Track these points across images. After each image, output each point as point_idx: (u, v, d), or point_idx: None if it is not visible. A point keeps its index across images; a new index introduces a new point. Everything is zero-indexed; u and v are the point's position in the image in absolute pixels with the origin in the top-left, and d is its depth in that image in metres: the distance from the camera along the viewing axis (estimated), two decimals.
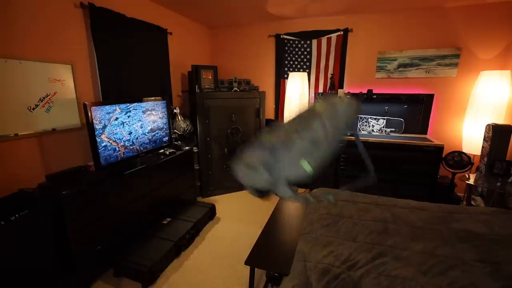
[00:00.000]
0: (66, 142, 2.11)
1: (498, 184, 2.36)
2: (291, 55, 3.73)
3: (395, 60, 3.30)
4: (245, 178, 0.92)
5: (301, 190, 3.63)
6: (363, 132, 3.44)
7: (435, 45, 3.11)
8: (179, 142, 3.01)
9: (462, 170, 2.86)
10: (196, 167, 3.27)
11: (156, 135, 2.55)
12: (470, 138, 2.98)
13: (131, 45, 2.59)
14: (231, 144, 3.38)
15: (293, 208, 2.25)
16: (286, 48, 3.72)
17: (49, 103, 1.96)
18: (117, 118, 2.07)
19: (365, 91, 3.37)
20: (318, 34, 3.53)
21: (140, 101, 2.34)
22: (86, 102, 1.81)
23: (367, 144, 3.05)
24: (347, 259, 1.35)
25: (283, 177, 0.86)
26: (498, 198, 2.52)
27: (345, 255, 1.37)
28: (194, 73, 3.18)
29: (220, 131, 3.33)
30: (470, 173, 2.77)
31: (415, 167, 2.92)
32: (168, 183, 2.64)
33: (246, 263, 1.55)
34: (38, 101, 1.89)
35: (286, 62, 3.78)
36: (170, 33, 3.15)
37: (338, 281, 1.20)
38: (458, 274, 1.19)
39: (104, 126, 1.95)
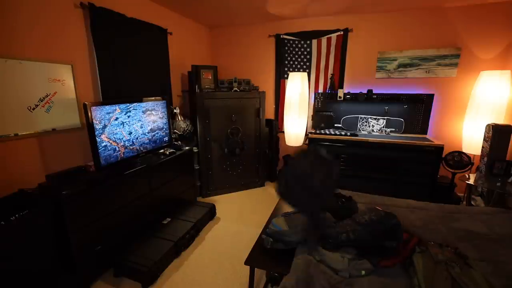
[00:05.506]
0: (66, 142, 2.11)
1: (498, 184, 2.36)
2: (291, 55, 3.73)
3: (395, 60, 3.30)
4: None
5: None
6: (363, 132, 3.44)
7: (435, 45, 3.11)
8: (179, 142, 3.01)
9: (462, 170, 2.86)
10: (196, 167, 3.27)
11: (156, 135, 2.55)
12: (470, 138, 2.98)
13: (131, 45, 2.59)
14: (231, 144, 3.38)
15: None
16: (286, 48, 3.72)
17: (49, 103, 1.96)
18: (117, 118, 2.07)
19: (365, 91, 3.37)
20: (318, 34, 3.53)
21: (140, 101, 2.34)
22: (86, 102, 1.81)
23: (367, 144, 3.05)
24: None
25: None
26: (498, 198, 2.52)
27: None
28: (194, 73, 3.18)
29: (220, 131, 3.33)
30: (470, 173, 2.77)
31: (415, 167, 2.92)
32: (168, 183, 2.64)
33: (246, 263, 1.55)
34: (38, 101, 1.89)
35: (286, 62, 3.78)
36: (170, 33, 3.15)
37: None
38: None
39: (104, 126, 1.95)
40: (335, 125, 3.58)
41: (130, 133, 2.22)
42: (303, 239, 1.45)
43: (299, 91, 3.27)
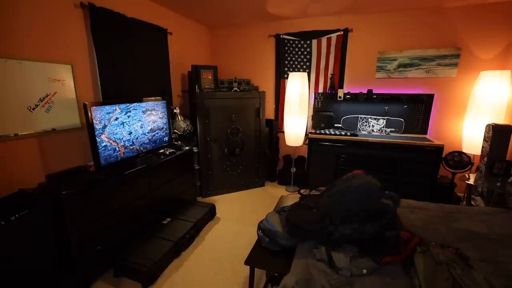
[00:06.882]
0: (66, 142, 2.11)
1: (498, 184, 2.36)
2: (291, 55, 3.73)
3: (395, 60, 3.30)
4: None
5: (302, 191, 3.63)
6: (363, 132, 3.44)
7: (435, 45, 3.12)
8: (179, 142, 3.01)
9: (462, 170, 2.86)
10: (196, 167, 3.27)
11: (156, 135, 2.55)
12: (470, 138, 2.98)
13: (131, 45, 2.59)
14: (231, 144, 3.38)
15: None
16: (286, 48, 3.72)
17: (49, 103, 1.96)
18: (117, 118, 2.07)
19: (365, 91, 3.38)
20: (318, 34, 3.53)
21: (140, 101, 2.34)
22: (86, 102, 1.81)
23: (367, 144, 3.05)
24: None
25: None
26: (498, 198, 2.52)
27: None
28: (194, 73, 3.18)
29: (220, 131, 3.33)
30: (470, 173, 2.77)
31: (415, 167, 2.92)
32: (168, 183, 2.64)
33: (246, 263, 1.55)
34: (38, 101, 1.89)
35: (286, 62, 3.78)
36: (170, 33, 3.15)
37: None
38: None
39: (104, 126, 1.95)
40: (335, 125, 3.58)
41: (130, 133, 2.22)
42: (294, 244, 1.46)
43: (299, 91, 3.27)
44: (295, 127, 3.40)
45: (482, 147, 2.65)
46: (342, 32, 3.42)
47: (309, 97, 3.67)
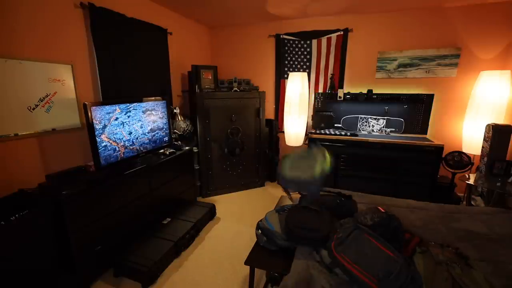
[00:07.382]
0: (66, 142, 2.11)
1: (498, 184, 2.36)
2: (291, 55, 3.73)
3: (395, 60, 3.29)
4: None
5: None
6: (363, 132, 3.44)
7: (435, 45, 3.11)
8: (179, 142, 3.01)
9: (462, 170, 2.86)
10: (196, 167, 3.27)
11: (156, 135, 2.55)
12: (470, 138, 2.97)
13: (131, 45, 2.59)
14: (231, 144, 3.38)
15: None
16: (286, 48, 3.72)
17: (49, 103, 1.96)
18: (117, 118, 2.07)
19: (365, 91, 3.37)
20: (318, 34, 3.53)
21: (140, 101, 2.34)
22: (86, 102, 1.81)
23: (367, 144, 3.05)
24: None
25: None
26: (498, 198, 2.52)
27: None
28: (194, 73, 3.18)
29: (220, 131, 3.33)
30: (470, 173, 2.77)
31: (415, 167, 2.92)
32: (168, 183, 2.64)
33: (246, 263, 1.55)
34: (38, 101, 1.89)
35: (286, 62, 3.77)
36: (170, 33, 3.15)
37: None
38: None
39: (104, 126, 1.95)
40: (335, 125, 3.58)
41: (130, 133, 2.22)
42: (292, 245, 1.46)
43: (299, 91, 3.27)
44: (295, 127, 3.40)
45: (482, 147, 2.65)
46: (342, 32, 3.42)
47: (309, 97, 3.67)
